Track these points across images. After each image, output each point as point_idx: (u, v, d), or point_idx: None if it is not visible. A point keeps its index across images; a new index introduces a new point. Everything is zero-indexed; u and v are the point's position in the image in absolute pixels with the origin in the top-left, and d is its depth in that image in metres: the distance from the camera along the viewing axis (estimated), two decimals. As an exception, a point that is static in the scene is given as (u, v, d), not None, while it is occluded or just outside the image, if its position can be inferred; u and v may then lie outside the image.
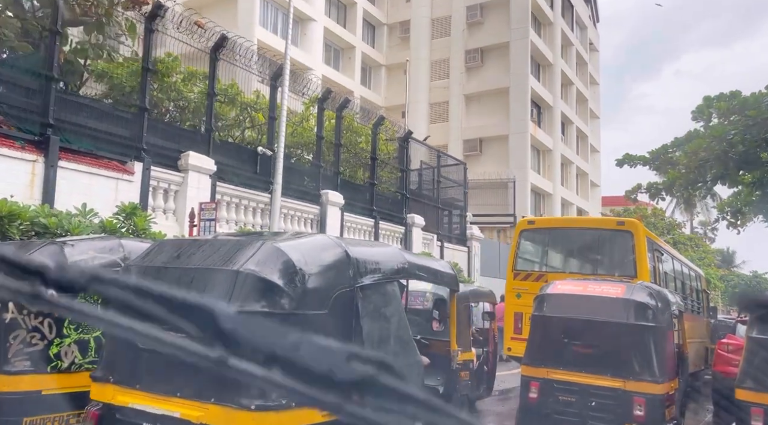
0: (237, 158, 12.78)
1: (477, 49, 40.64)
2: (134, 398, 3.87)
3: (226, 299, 3.59)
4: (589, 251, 11.97)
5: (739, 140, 16.83)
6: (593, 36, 53.28)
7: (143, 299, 0.96)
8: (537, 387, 7.13)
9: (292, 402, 3.42)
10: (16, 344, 4.57)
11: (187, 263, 4.09)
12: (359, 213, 16.31)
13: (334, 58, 40.05)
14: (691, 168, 19.59)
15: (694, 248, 46.44)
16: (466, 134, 40.30)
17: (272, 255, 3.91)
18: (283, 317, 3.71)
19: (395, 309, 4.62)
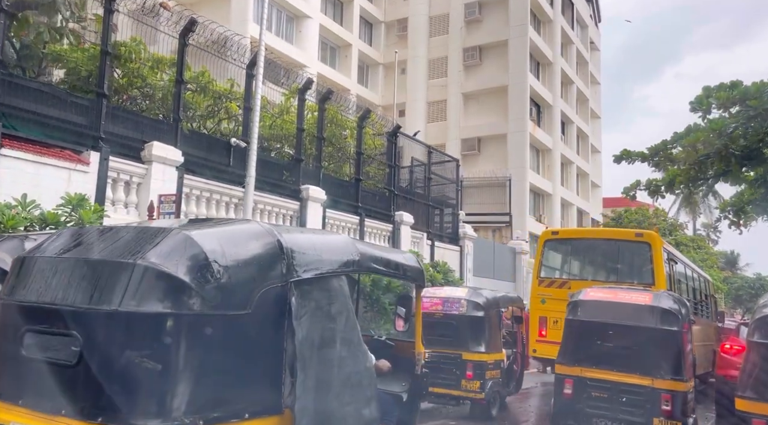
0: (208, 149, 12.08)
1: (475, 47, 39.92)
2: (16, 416, 3.23)
3: (119, 297, 3.03)
4: (610, 260, 12.70)
5: (741, 134, 16.03)
6: (594, 35, 52.49)
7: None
8: (571, 383, 7.79)
9: (199, 420, 3.01)
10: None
11: (83, 254, 3.42)
12: (344, 210, 15.58)
13: (330, 56, 39.37)
14: (691, 163, 18.80)
15: (697, 249, 45.57)
16: (465, 133, 39.56)
17: (180, 245, 3.23)
18: (189, 318, 3.07)
19: (342, 308, 3.96)
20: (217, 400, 3.17)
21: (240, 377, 3.31)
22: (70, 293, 3.18)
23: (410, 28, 41.75)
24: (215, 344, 3.16)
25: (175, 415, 2.95)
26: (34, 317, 3.27)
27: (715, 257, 51.65)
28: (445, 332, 9.83)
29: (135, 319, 2.98)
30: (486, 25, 39.93)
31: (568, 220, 44.34)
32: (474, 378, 9.64)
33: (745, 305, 53.52)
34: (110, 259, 3.26)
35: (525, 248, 24.70)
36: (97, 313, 3.04)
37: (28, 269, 3.51)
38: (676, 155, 18.70)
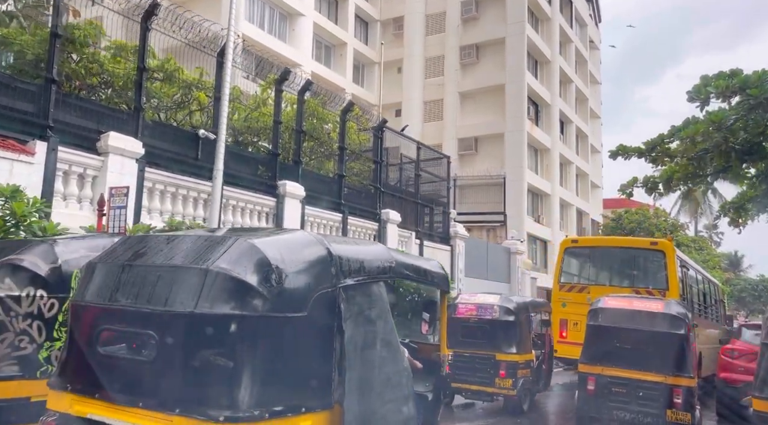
0: (174, 141, 11.33)
1: (472, 45, 39.18)
2: (93, 408, 3.49)
3: (193, 300, 3.31)
4: (626, 266, 13.42)
5: (741, 127, 15.22)
6: (593, 34, 51.69)
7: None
8: (593, 381, 8.83)
9: (265, 413, 3.27)
10: (3, 347, 4.31)
11: (155, 260, 3.67)
12: (325, 207, 14.83)
13: (325, 55, 38.66)
14: (689, 158, 17.97)
15: (698, 250, 44.69)
16: (461, 132, 38.81)
17: (246, 252, 3.52)
18: (256, 320, 3.36)
19: (381, 312, 4.21)
20: (279, 395, 3.40)
21: (297, 374, 3.55)
22: (145, 296, 3.44)
23: (406, 26, 41.04)
24: (277, 343, 3.44)
25: (244, 408, 3.19)
26: (110, 318, 3.56)
27: (717, 258, 50.75)
28: (480, 335, 10.81)
29: (209, 320, 3.27)
30: (483, 23, 39.19)
31: (568, 221, 43.53)
32: (507, 377, 10.57)
33: (748, 307, 52.64)
34: (184, 265, 3.51)
35: (520, 248, 23.92)
36: (174, 314, 3.33)
37: (99, 274, 3.77)
38: (674, 149, 17.89)
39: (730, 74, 13.18)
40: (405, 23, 41.13)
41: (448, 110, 39.45)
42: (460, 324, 10.86)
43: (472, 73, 39.31)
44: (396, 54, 41.35)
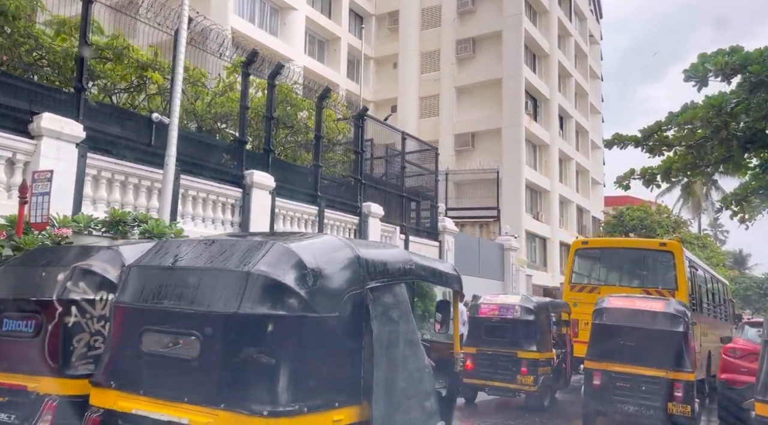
0: (125, 126, 10.38)
1: (469, 39, 38.17)
2: (138, 404, 3.68)
3: (236, 301, 3.51)
4: (636, 267, 13.58)
5: (742, 110, 14.18)
6: (593, 28, 50.59)
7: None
8: (599, 376, 9.20)
9: (304, 407, 3.44)
10: (80, 347, 4.53)
11: (196, 263, 3.89)
12: (300, 199, 13.85)
13: (318, 50, 37.73)
14: (688, 146, 16.90)
15: (702, 247, 43.55)
16: (458, 128, 37.78)
17: (283, 256, 3.73)
18: (294, 320, 3.57)
19: (404, 312, 4.39)
20: (315, 390, 3.57)
21: (330, 371, 3.73)
22: (188, 298, 3.64)
23: (402, 20, 40.05)
24: (313, 342, 3.62)
25: (284, 402, 3.38)
26: (153, 318, 3.75)
27: (722, 255, 49.57)
28: (502, 333, 11.26)
29: (252, 320, 3.46)
30: (479, 16, 38.18)
31: (568, 218, 42.47)
32: (528, 374, 10.98)
33: (753, 306, 51.46)
34: (225, 268, 3.67)
35: (514, 244, 22.88)
36: (217, 315, 3.51)
37: (140, 277, 3.95)
38: (672, 138, 16.80)
39: (730, 51, 12.18)
40: (400, 17, 40.14)
41: (444, 106, 38.46)
42: (483, 323, 11.48)
43: (469, 67, 38.31)
44: (391, 49, 40.40)
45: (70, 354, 4.50)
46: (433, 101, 39.23)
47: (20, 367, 4.53)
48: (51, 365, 4.46)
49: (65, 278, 4.63)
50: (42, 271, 4.81)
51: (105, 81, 10.76)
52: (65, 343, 4.50)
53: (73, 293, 4.58)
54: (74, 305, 4.54)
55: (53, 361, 4.46)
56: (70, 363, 4.48)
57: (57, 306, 4.51)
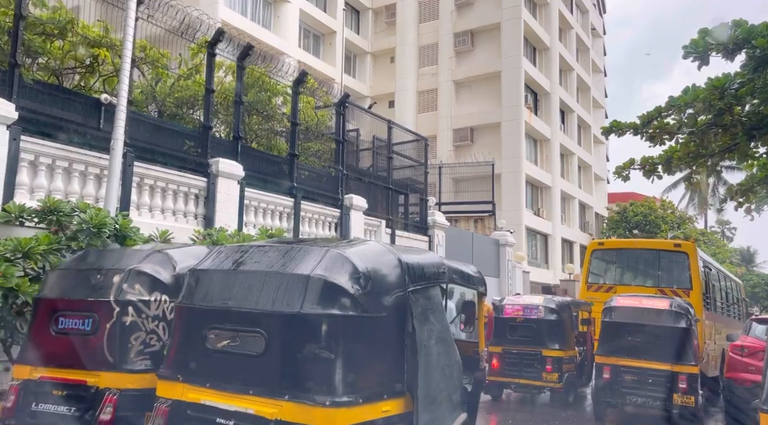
0: (68, 107, 9.47)
1: (467, 31, 37.19)
2: (205, 395, 3.97)
3: (299, 302, 3.83)
4: (651, 267, 13.80)
5: (747, 92, 13.16)
6: (596, 21, 49.47)
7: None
8: (609, 370, 9.74)
9: (359, 398, 3.77)
10: (137, 345, 4.81)
11: (258, 267, 4.17)
12: (274, 191, 12.94)
13: (314, 44, 36.84)
14: (689, 132, 15.82)
15: (708, 244, 42.40)
16: (456, 122, 36.81)
17: (338, 261, 4.04)
18: (349, 319, 3.87)
19: (438, 312, 4.73)
20: (368, 383, 3.95)
21: (379, 365, 4.15)
22: (252, 299, 3.98)
23: (399, 13, 39.14)
24: (365, 339, 4.00)
25: (343, 393, 3.71)
26: (218, 317, 4.09)
27: (729, 252, 48.38)
28: (527, 333, 11.60)
29: (312, 319, 3.80)
30: (478, 8, 37.20)
31: (570, 214, 41.41)
32: (553, 371, 11.32)
33: (761, 303, 50.28)
34: (286, 272, 4.03)
35: (510, 239, 21.90)
36: (281, 314, 3.87)
37: (205, 279, 4.31)
38: (673, 125, 15.75)
39: (733, 26, 11.19)
40: (397, 11, 39.23)
41: (442, 100, 37.49)
42: (508, 323, 11.82)
43: (467, 60, 37.33)
44: (388, 43, 39.49)
45: (128, 351, 4.77)
46: (431, 96, 38.29)
47: (78, 363, 4.76)
48: (110, 361, 4.72)
49: (121, 280, 4.89)
50: (96, 274, 5.03)
51: (49, 59, 9.84)
52: (123, 340, 4.77)
53: (130, 295, 4.86)
54: (131, 305, 4.83)
55: (112, 357, 4.73)
56: (128, 359, 4.76)
57: (114, 306, 4.80)
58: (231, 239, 9.89)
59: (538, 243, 37.62)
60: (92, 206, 8.20)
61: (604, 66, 52.48)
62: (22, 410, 4.82)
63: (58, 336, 4.92)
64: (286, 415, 3.68)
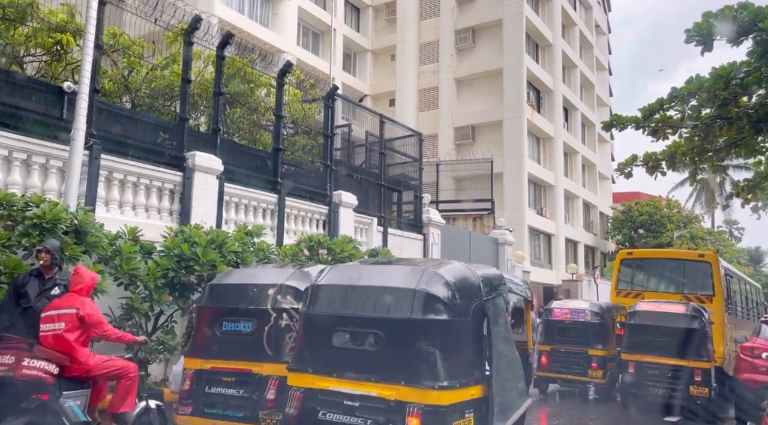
0: (28, 95, 8.89)
1: (468, 28, 36.49)
2: (333, 383, 5.01)
3: (409, 310, 4.97)
4: (676, 275, 14.69)
5: (753, 81, 12.46)
6: (600, 18, 48.67)
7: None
8: (633, 365, 11.12)
9: (456, 383, 4.88)
10: (290, 342, 6.01)
11: (374, 282, 5.36)
12: (257, 186, 12.33)
13: (313, 42, 36.24)
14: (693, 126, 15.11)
15: (714, 243, 41.53)
16: (458, 121, 36.11)
17: (434, 277, 5.17)
18: (445, 322, 5.00)
19: (503, 316, 5.81)
20: (460, 372, 5.01)
21: (467, 359, 5.17)
22: (371, 307, 5.11)
23: (399, 11, 38.48)
24: (457, 338, 5.09)
25: (443, 379, 4.81)
26: (342, 322, 5.22)
27: (735, 252, 47.43)
28: (574, 334, 12.93)
29: (420, 322, 4.95)
30: (479, 5, 36.50)
31: (574, 213, 40.64)
32: (598, 368, 12.55)
33: (769, 304, 49.31)
34: (398, 286, 5.19)
35: (509, 238, 21.19)
36: (395, 319, 5.00)
37: (327, 292, 5.43)
38: (676, 119, 15.02)
39: (739, 8, 10.51)
40: (397, 8, 38.58)
41: (443, 98, 36.81)
42: (557, 325, 13.13)
43: (469, 58, 36.64)
44: (389, 41, 38.86)
45: (284, 347, 5.92)
46: (432, 94, 37.62)
47: (243, 356, 6.00)
48: (269, 354, 5.92)
49: (275, 293, 6.11)
50: (253, 288, 6.28)
51: (7, 44, 9.24)
52: (279, 339, 5.95)
53: (283, 304, 6.05)
54: (284, 312, 6.00)
55: (271, 352, 5.93)
56: (283, 353, 5.88)
57: (272, 312, 6.01)
58: (206, 236, 9.32)
59: (541, 243, 36.89)
60: (48, 201, 7.61)
61: (609, 64, 51.68)
62: (196, 391, 6.16)
63: (223, 336, 6.24)
64: (404, 396, 4.72)
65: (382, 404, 4.81)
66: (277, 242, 12.39)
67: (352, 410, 4.90)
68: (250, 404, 5.92)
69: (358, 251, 12.49)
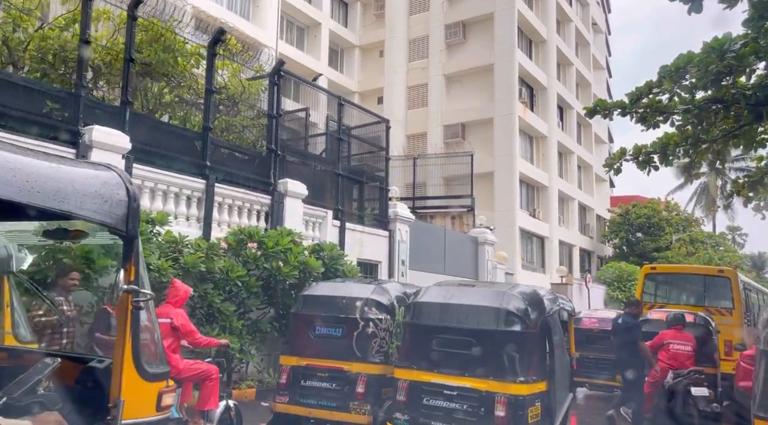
0: None
1: (458, 23, 34.76)
2: (435, 377, 6.30)
3: (495, 323, 6.32)
4: (698, 289, 15.14)
5: (751, 52, 10.70)
6: (597, 15, 46.88)
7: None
8: None
9: (530, 379, 6.13)
10: (375, 346, 7.17)
11: (462, 301, 6.68)
12: (181, 170, 10.65)
13: (297, 36, 34.66)
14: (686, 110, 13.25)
15: (715, 247, 39.59)
16: (447, 118, 34.32)
17: (513, 298, 6.46)
18: (522, 333, 6.26)
19: (558, 328, 7.12)
20: (532, 371, 6.24)
21: (536, 361, 6.42)
22: (464, 320, 6.45)
23: (388, 5, 36.78)
24: (530, 345, 6.35)
25: (521, 376, 6.05)
26: (441, 331, 6.53)
27: (738, 258, 45.44)
28: (602, 342, 13.13)
29: (504, 333, 6.25)
30: (470, -2, 34.81)
31: (569, 216, 38.78)
32: None
33: (772, 311, 47.34)
34: (485, 305, 6.52)
35: (490, 237, 19.39)
36: (486, 330, 6.33)
37: (425, 308, 6.77)
38: (667, 105, 13.17)
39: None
40: (386, 2, 36.90)
41: (432, 95, 35.06)
42: (585, 333, 13.46)
43: (459, 53, 34.90)
44: (377, 36, 37.19)
45: (370, 350, 7.16)
46: (421, 91, 35.89)
47: (334, 356, 7.21)
48: (358, 355, 7.14)
49: (362, 305, 7.35)
50: (342, 299, 7.53)
51: None
52: (366, 343, 7.17)
53: (369, 314, 7.29)
54: (371, 321, 7.25)
55: (360, 353, 7.15)
56: (369, 354, 7.15)
57: (360, 321, 7.24)
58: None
59: (534, 246, 35.05)
60: None
61: (608, 64, 49.90)
62: (293, 384, 7.24)
63: (316, 339, 7.35)
64: (492, 388, 6.01)
65: (475, 394, 6.05)
66: (204, 234, 10.69)
67: (451, 398, 6.16)
68: (341, 396, 7.01)
69: (297, 246, 10.78)
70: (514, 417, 5.90)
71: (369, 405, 6.81)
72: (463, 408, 6.08)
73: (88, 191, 2.91)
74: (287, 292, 10.57)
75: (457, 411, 6.14)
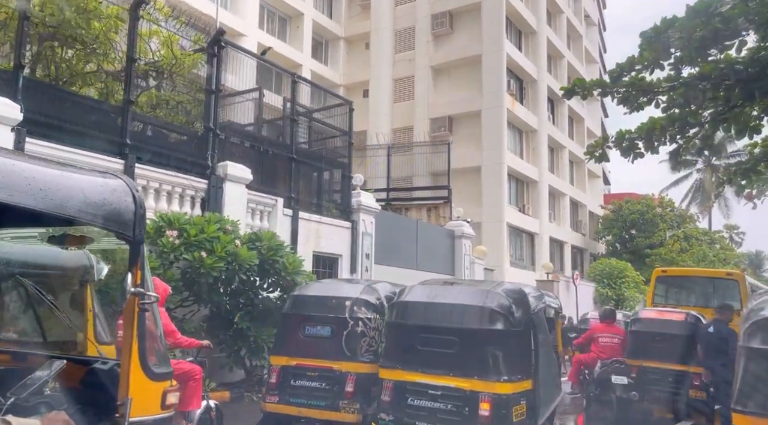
0: None
1: (445, 12, 33.29)
2: (419, 377, 6.31)
3: (478, 322, 6.41)
4: (706, 291, 15.56)
5: (739, 13, 9.30)
6: (590, 8, 45.38)
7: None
8: (635, 370, 10.93)
9: (515, 377, 6.19)
10: (364, 345, 7.17)
11: (445, 300, 6.73)
12: (95, 148, 9.20)
13: (279, 27, 33.23)
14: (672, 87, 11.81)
15: (710, 244, 38.10)
16: (434, 111, 32.83)
17: (497, 297, 6.51)
18: (506, 333, 6.33)
19: (544, 326, 7.17)
20: (516, 370, 6.24)
21: (521, 359, 6.42)
22: (447, 319, 6.50)
23: (374, -5, 35.36)
24: (513, 344, 6.40)
25: (505, 374, 6.11)
26: (425, 330, 6.58)
27: (734, 255, 43.96)
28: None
29: (487, 332, 6.31)
30: (456, -13, 33.35)
31: (560, 212, 37.29)
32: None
33: None
34: (469, 303, 6.58)
35: (467, 230, 17.93)
36: (469, 329, 6.38)
37: (409, 306, 6.89)
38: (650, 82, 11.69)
39: None
40: (372, -8, 35.48)
41: (419, 87, 33.58)
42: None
43: (446, 44, 33.42)
44: (363, 27, 35.73)
45: (359, 349, 7.14)
46: (407, 83, 34.42)
47: (323, 355, 7.19)
48: (347, 354, 7.12)
49: (352, 304, 7.34)
50: (332, 299, 7.54)
51: None
52: (355, 342, 7.16)
53: (359, 313, 7.29)
54: (360, 320, 7.26)
55: (349, 352, 7.13)
56: (358, 353, 7.12)
57: (349, 320, 7.25)
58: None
59: (524, 243, 33.57)
60: None
61: (602, 58, 48.41)
62: (283, 383, 7.36)
63: (305, 339, 7.48)
64: (476, 387, 5.99)
65: (459, 393, 6.13)
66: (120, 222, 9.21)
67: (436, 398, 6.24)
68: (331, 395, 7.02)
69: (227, 235, 9.32)
70: (498, 416, 5.92)
71: (358, 404, 6.84)
72: (448, 407, 6.15)
73: (98, 198, 2.99)
74: (213, 287, 9.12)
75: (441, 411, 6.17)
